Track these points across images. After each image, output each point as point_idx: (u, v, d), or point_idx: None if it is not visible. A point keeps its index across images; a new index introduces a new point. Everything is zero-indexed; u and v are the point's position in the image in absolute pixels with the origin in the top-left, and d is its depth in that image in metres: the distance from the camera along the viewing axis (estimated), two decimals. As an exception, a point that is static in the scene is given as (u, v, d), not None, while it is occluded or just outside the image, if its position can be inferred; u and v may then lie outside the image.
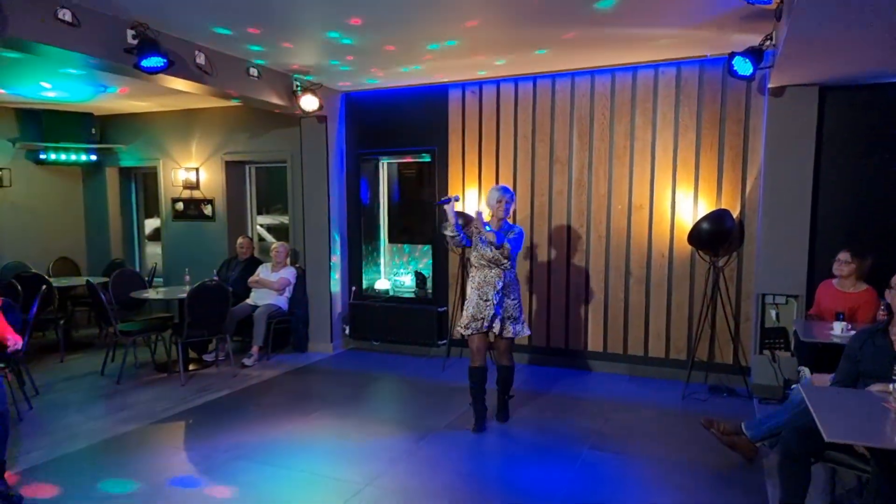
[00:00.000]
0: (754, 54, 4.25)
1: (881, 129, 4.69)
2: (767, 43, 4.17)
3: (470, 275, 4.38)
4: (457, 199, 4.34)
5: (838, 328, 3.78)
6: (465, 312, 4.31)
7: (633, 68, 5.38)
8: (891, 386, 2.50)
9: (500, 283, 4.22)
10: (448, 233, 4.32)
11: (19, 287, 5.29)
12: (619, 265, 5.60)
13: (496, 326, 4.23)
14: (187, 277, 6.19)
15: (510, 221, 4.39)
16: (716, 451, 3.79)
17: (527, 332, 4.41)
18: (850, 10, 2.88)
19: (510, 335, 4.28)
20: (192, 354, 6.08)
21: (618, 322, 5.64)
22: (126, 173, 8.31)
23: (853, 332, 3.28)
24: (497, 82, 5.90)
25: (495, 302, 4.20)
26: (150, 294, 6.03)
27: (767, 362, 4.91)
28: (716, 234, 4.95)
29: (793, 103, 4.72)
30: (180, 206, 7.63)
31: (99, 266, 7.96)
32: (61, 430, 4.29)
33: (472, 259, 4.34)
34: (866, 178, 4.76)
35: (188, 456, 3.92)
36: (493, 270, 4.24)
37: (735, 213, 5.14)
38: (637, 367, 5.60)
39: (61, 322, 6.38)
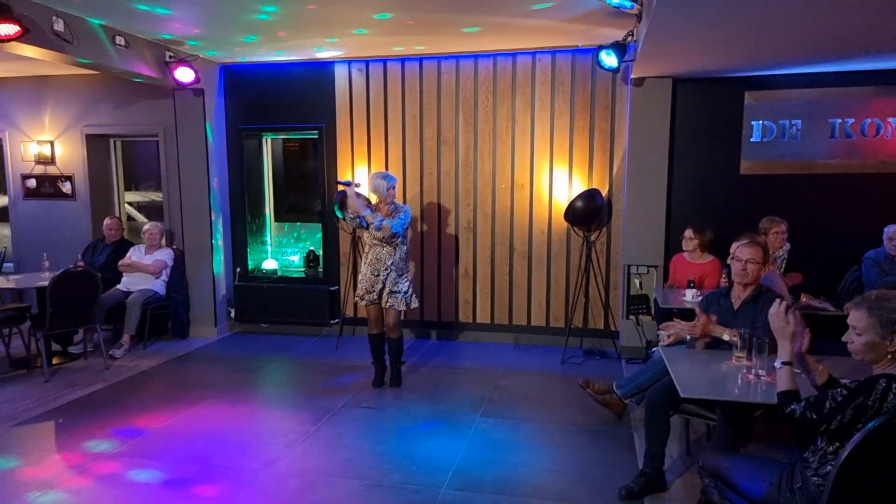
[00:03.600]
0: (619, 48, 4.65)
1: (722, 118, 5.34)
2: (630, 38, 4.58)
3: (364, 251, 4.78)
4: (357, 185, 4.66)
5: (689, 294, 4.32)
6: (359, 286, 4.76)
7: (514, 54, 5.63)
8: (733, 342, 2.94)
9: (390, 260, 4.61)
10: (349, 215, 4.66)
11: None
12: (503, 241, 5.92)
13: (384, 300, 4.64)
14: (46, 263, 5.67)
15: (397, 202, 4.71)
16: (591, 410, 4.20)
17: (413, 304, 4.75)
18: (698, 14, 3.27)
19: (396, 308, 4.66)
20: (55, 347, 5.59)
21: (503, 294, 5.99)
22: (-40, 146, 7.31)
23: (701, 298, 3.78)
24: (383, 61, 5.90)
25: (384, 277, 4.61)
26: (1, 283, 5.44)
27: (633, 326, 5.48)
28: (588, 212, 5.39)
29: (651, 93, 5.22)
30: (32, 183, 6.88)
31: (-69, 251, 7.00)
32: None
33: (365, 237, 4.74)
34: (710, 163, 5.40)
35: (60, 458, 3.66)
36: (385, 248, 4.62)
37: (604, 192, 5.61)
38: (521, 335, 6.00)
39: None
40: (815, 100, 5.16)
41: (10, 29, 3.58)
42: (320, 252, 6.45)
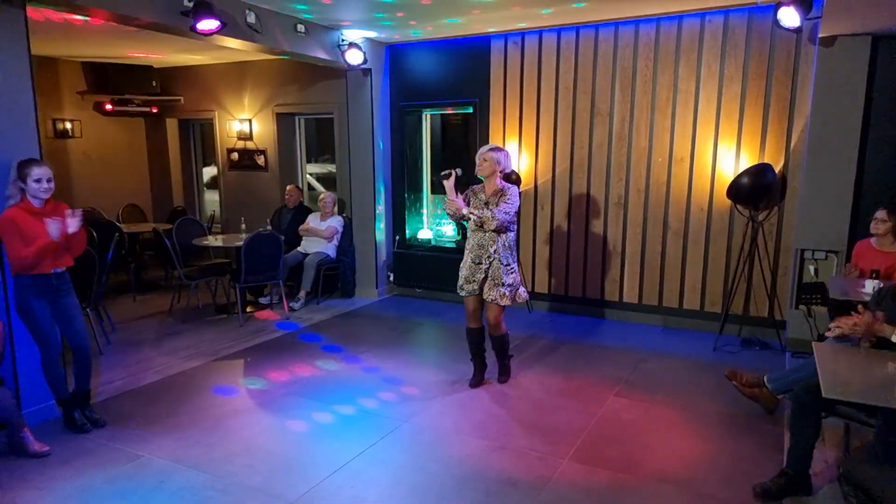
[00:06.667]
0: (802, 3, 4.13)
1: (940, 80, 4.49)
2: (818, -9, 4.04)
3: (467, 237, 4.23)
4: (459, 174, 4.06)
5: (870, 286, 3.77)
6: (460, 274, 4.21)
7: (679, 17, 5.25)
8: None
9: (493, 247, 4.05)
10: (448, 211, 4.08)
11: (94, 233, 5.79)
12: (657, 218, 5.64)
13: (486, 292, 4.12)
14: (243, 226, 6.60)
15: (502, 180, 4.13)
16: (739, 402, 3.92)
17: (521, 298, 4.20)
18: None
19: (499, 302, 4.10)
20: (248, 297, 6.56)
21: (654, 274, 5.73)
22: (185, 124, 8.73)
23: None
24: (539, 32, 5.86)
25: (486, 266, 4.08)
26: (210, 241, 6.47)
27: (803, 317, 4.93)
28: (755, 189, 4.91)
29: (843, 54, 4.54)
30: (235, 156, 8.01)
31: (163, 212, 8.52)
32: (137, 364, 4.81)
33: (468, 223, 4.14)
34: (919, 133, 4.60)
35: (247, 391, 4.37)
36: (488, 234, 4.05)
37: (778, 167, 5.06)
38: (671, 318, 5.72)
39: (132, 265, 6.97)
40: None
41: (212, 24, 4.21)
42: (472, 223, 6.67)
